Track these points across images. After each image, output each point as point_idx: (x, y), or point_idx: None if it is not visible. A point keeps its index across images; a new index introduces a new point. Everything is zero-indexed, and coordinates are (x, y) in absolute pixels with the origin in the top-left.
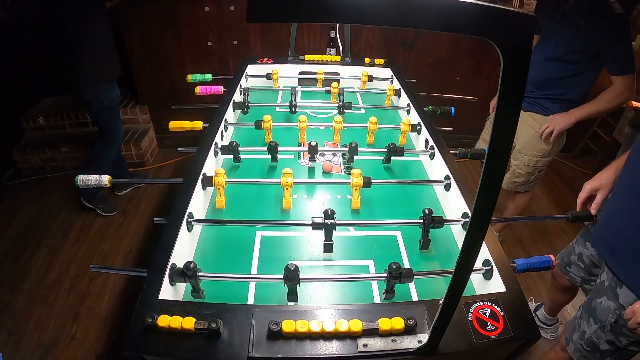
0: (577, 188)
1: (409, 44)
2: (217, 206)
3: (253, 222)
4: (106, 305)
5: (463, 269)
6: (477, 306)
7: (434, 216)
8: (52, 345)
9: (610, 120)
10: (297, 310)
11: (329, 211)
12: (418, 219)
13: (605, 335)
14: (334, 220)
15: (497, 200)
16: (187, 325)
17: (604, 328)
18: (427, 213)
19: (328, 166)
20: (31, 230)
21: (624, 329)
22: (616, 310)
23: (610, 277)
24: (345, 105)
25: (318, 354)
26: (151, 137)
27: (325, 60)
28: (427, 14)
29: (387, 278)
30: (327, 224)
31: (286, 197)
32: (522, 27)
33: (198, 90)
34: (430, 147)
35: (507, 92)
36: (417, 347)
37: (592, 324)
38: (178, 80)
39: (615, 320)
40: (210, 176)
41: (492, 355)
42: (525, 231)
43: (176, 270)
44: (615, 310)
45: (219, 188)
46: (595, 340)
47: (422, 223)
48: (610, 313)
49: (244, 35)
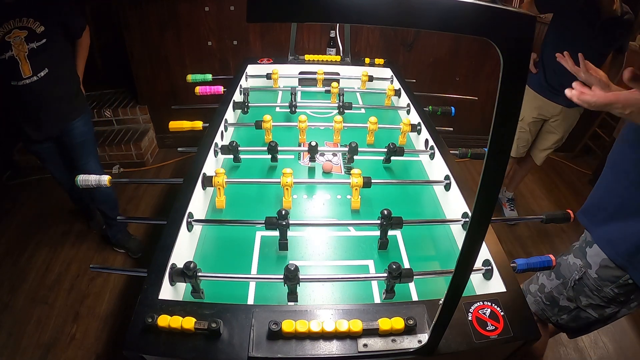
0: (577, 188)
1: (409, 44)
2: (217, 206)
3: (253, 222)
4: (106, 305)
5: (463, 269)
6: (477, 306)
7: (393, 217)
8: (52, 345)
9: (610, 120)
10: (297, 310)
11: (282, 212)
12: (376, 220)
13: (566, 292)
14: (287, 220)
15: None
16: (187, 325)
17: (566, 284)
18: (386, 214)
19: (328, 166)
20: (31, 230)
21: (586, 288)
22: (582, 268)
23: (582, 239)
24: (345, 105)
25: (318, 354)
26: (151, 137)
27: (325, 60)
28: (427, 14)
29: (387, 278)
30: (280, 224)
31: (286, 197)
32: (522, 27)
33: (198, 90)
34: (430, 147)
35: (507, 92)
36: (417, 347)
37: (553, 279)
38: (178, 80)
39: (580, 277)
40: (210, 176)
41: (492, 355)
42: (525, 231)
43: (176, 270)
44: (582, 268)
45: (219, 188)
46: (555, 295)
47: (380, 224)
48: (576, 270)
49: (244, 35)
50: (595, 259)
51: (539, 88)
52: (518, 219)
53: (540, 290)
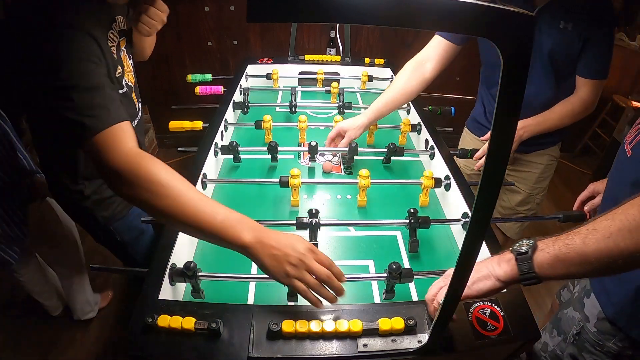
0: (577, 188)
1: (408, 44)
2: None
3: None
4: (106, 305)
5: (463, 269)
6: (477, 306)
7: (420, 216)
8: (52, 345)
9: (610, 120)
10: (297, 310)
11: (313, 210)
12: (404, 220)
13: (567, 349)
14: (317, 219)
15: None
16: (187, 325)
17: (567, 340)
18: (413, 212)
19: (328, 166)
20: None
21: (587, 343)
22: (580, 321)
23: (582, 287)
24: (345, 105)
25: (318, 354)
26: (151, 137)
27: (325, 60)
28: (427, 14)
29: (387, 278)
30: (311, 224)
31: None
32: (523, 26)
33: (198, 90)
34: (430, 147)
35: (507, 91)
36: (417, 347)
37: (555, 336)
38: (178, 80)
39: (578, 332)
40: (210, 177)
41: (492, 355)
42: (525, 231)
43: (176, 270)
44: (580, 321)
45: (294, 189)
46: (558, 352)
47: (408, 223)
48: (574, 324)
49: (244, 35)
50: (593, 311)
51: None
52: (535, 218)
53: (543, 349)
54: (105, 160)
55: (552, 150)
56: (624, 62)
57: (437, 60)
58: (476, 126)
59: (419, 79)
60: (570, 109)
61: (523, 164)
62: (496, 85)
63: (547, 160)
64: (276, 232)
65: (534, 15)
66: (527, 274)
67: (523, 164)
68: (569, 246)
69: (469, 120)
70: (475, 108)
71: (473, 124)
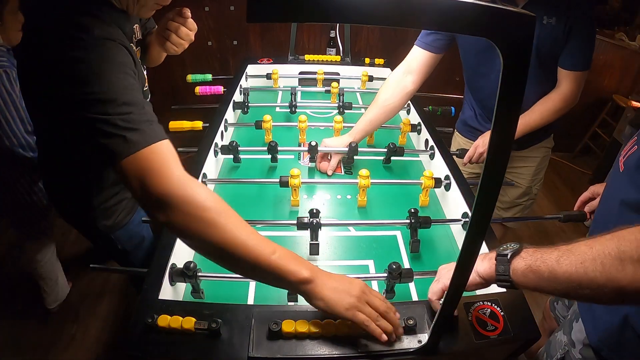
0: (577, 188)
1: (409, 44)
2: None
3: (253, 222)
4: (106, 305)
5: (463, 269)
6: (477, 306)
7: (421, 216)
8: (52, 345)
9: (610, 120)
10: (297, 310)
11: (314, 210)
12: (404, 220)
13: None
14: (318, 219)
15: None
16: (187, 325)
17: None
18: (414, 212)
19: (324, 166)
20: None
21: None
22: (566, 346)
23: (573, 309)
24: (345, 105)
25: (318, 354)
26: None
27: (325, 60)
28: (427, 14)
29: (387, 278)
30: (312, 224)
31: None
32: (523, 26)
33: (198, 90)
34: (430, 147)
35: (507, 91)
36: (417, 347)
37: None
38: (178, 80)
39: (562, 357)
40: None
41: (492, 355)
42: (525, 231)
43: (176, 270)
44: (565, 345)
45: (295, 189)
46: None
47: (410, 223)
48: (560, 348)
49: (244, 35)
50: (579, 336)
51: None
52: (536, 218)
53: None
54: (152, 183)
55: (546, 142)
56: (624, 62)
57: (417, 72)
58: (467, 129)
59: (401, 94)
60: (552, 106)
61: (520, 160)
62: (480, 91)
63: (542, 153)
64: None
65: (534, 15)
66: (502, 276)
67: (520, 160)
68: (544, 260)
69: (459, 124)
70: (464, 111)
71: (464, 127)
